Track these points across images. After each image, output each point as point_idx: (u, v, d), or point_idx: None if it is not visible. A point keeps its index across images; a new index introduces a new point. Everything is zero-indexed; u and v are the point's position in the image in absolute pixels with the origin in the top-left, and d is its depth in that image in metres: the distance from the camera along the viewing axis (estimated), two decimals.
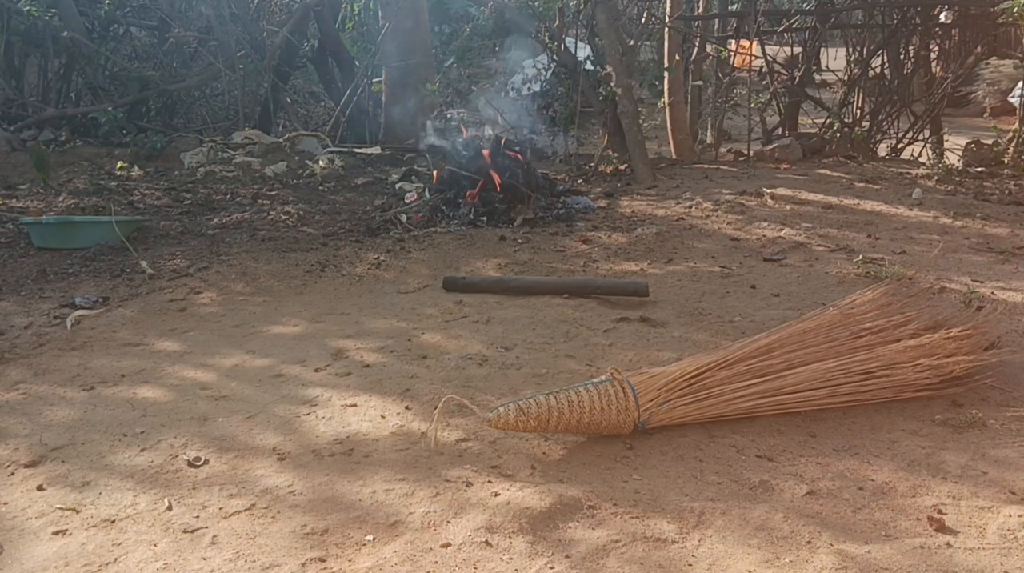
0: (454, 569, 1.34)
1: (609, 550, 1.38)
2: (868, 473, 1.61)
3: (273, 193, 4.27)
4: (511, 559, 1.36)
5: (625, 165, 4.43)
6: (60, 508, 1.56)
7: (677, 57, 4.97)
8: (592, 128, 5.93)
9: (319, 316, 2.57)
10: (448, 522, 1.46)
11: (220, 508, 1.53)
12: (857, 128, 4.98)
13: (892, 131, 5.10)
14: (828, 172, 4.35)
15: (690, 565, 1.35)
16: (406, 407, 1.90)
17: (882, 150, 5.04)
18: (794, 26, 5.27)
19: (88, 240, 3.34)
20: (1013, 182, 3.99)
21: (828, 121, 5.09)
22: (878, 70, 5.16)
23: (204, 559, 1.39)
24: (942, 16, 5.64)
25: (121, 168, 4.78)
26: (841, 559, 1.34)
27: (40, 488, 1.63)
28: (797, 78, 5.26)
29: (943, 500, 1.52)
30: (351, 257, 3.14)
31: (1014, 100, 6.59)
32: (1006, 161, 4.31)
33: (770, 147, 4.85)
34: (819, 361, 1.85)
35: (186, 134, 5.72)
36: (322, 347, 2.29)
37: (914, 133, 5.05)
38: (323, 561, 1.37)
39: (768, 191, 3.82)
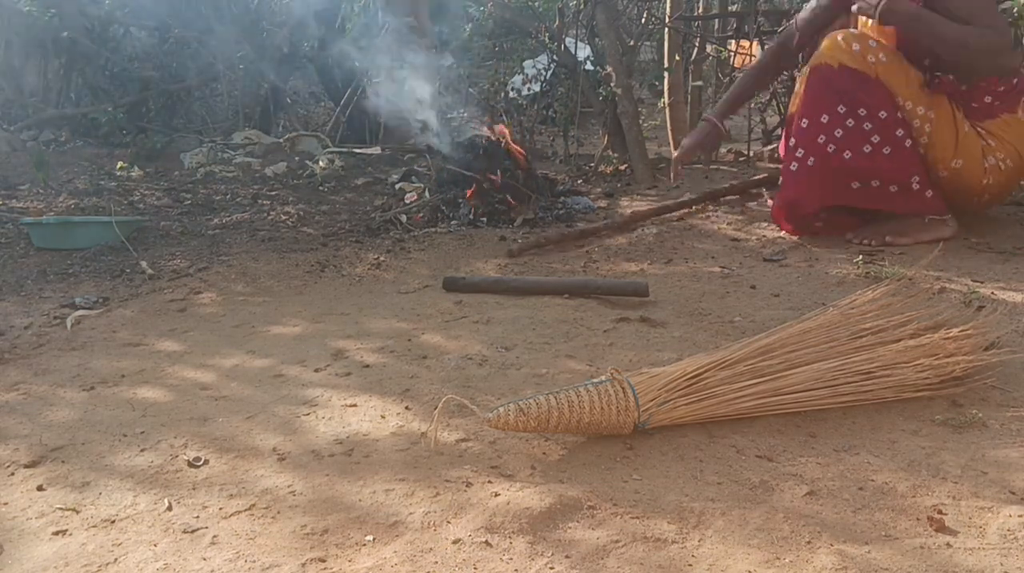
0: (454, 569, 1.34)
1: (609, 550, 1.38)
2: (868, 473, 1.61)
3: (273, 193, 4.27)
4: (511, 559, 1.36)
5: (625, 165, 4.44)
6: (60, 508, 1.56)
7: (677, 57, 4.97)
8: (592, 128, 5.93)
9: (319, 316, 2.58)
10: (448, 522, 1.46)
11: (220, 508, 1.53)
12: None
13: None
14: None
15: (690, 565, 1.35)
16: (406, 407, 1.90)
17: None
18: None
19: (88, 240, 3.34)
20: None
21: None
22: None
23: (204, 559, 1.39)
24: None
25: (121, 168, 4.78)
26: (841, 559, 1.34)
27: (40, 488, 1.63)
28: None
29: (943, 500, 1.52)
30: (351, 257, 3.14)
31: None
32: None
33: (770, 147, 4.85)
34: (819, 361, 1.85)
35: (186, 134, 5.73)
36: (322, 347, 2.29)
37: None
38: (323, 561, 1.37)
39: (768, 191, 3.81)
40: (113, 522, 1.51)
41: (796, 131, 3.03)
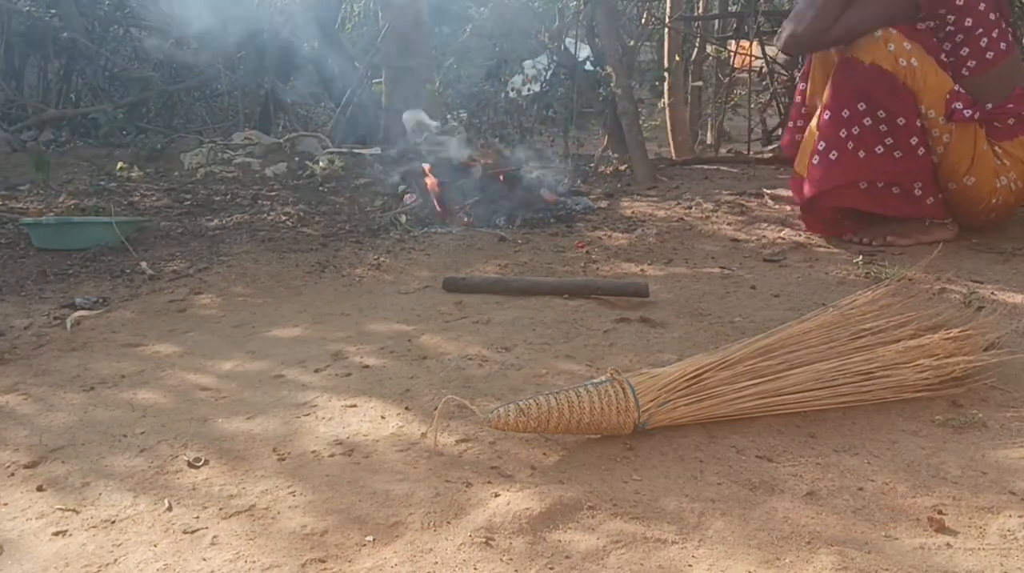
0: (454, 569, 1.34)
1: (609, 551, 1.38)
2: (868, 474, 1.61)
3: (273, 194, 4.27)
4: (511, 560, 1.36)
5: (625, 165, 4.44)
6: (60, 509, 1.56)
7: (677, 58, 4.98)
8: (592, 128, 5.94)
9: (319, 317, 2.58)
10: (448, 523, 1.46)
11: (220, 509, 1.53)
12: None
13: None
14: None
15: (690, 566, 1.35)
16: (406, 408, 1.90)
17: None
18: None
19: (88, 241, 3.34)
20: None
21: None
22: None
23: (204, 560, 1.39)
24: None
25: (121, 169, 4.78)
26: (841, 559, 1.34)
27: (40, 489, 1.63)
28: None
29: (943, 501, 1.52)
30: (351, 258, 3.14)
31: None
32: None
33: (770, 147, 4.85)
34: (819, 362, 1.85)
35: (186, 135, 5.73)
36: (322, 348, 2.29)
37: None
38: (323, 562, 1.37)
39: (768, 191, 3.82)
40: (113, 522, 1.51)
41: (820, 123, 3.00)
